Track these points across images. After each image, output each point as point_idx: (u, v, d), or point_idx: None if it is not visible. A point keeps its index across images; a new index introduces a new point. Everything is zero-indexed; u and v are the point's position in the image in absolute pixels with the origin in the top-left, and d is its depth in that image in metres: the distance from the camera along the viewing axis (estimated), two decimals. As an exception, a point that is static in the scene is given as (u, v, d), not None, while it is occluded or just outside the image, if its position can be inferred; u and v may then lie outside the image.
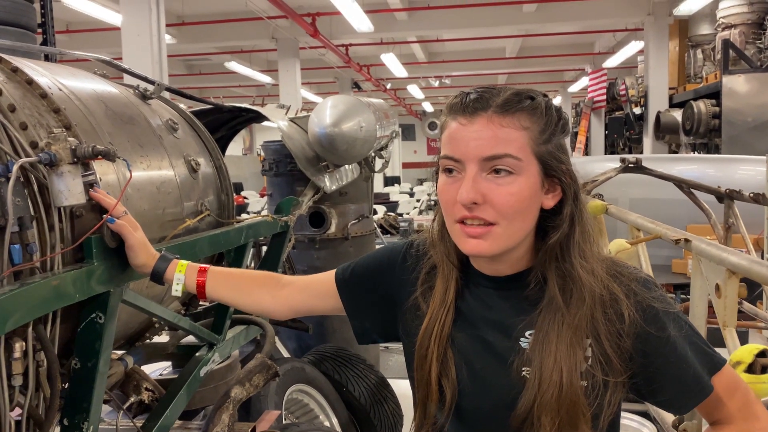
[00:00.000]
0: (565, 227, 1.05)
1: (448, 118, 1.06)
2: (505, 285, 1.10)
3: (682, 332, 1.05)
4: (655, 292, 1.07)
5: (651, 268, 2.83)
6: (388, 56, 13.76)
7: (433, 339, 1.10)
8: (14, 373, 1.22)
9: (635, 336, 1.03)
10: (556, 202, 1.06)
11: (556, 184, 1.06)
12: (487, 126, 1.00)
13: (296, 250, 3.79)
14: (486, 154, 1.00)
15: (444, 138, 1.06)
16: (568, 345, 1.01)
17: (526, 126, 1.01)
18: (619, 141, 13.39)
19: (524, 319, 1.06)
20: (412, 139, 30.07)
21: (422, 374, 1.11)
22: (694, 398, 1.07)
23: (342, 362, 3.36)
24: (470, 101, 1.03)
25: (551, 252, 1.06)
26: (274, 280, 1.40)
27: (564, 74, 19.97)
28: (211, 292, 1.38)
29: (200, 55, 15.19)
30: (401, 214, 12.55)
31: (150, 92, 2.12)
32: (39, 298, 1.23)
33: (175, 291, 1.38)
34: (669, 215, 4.74)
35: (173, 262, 1.40)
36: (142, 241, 1.41)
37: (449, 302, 1.11)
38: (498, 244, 1.02)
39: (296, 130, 3.30)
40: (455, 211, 1.03)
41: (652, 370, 1.05)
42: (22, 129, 1.34)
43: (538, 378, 1.01)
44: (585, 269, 1.05)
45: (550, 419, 1.00)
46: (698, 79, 10.41)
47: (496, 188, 1.00)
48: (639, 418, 3.28)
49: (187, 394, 2.00)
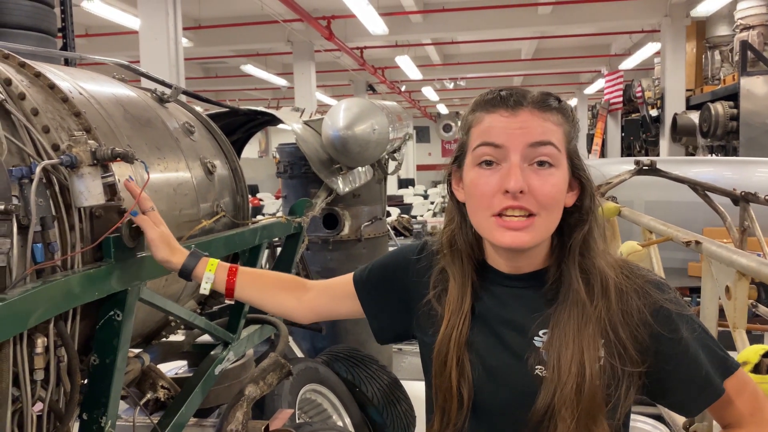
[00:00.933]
0: (587, 223, 1.08)
1: (480, 113, 1.07)
2: (523, 282, 1.12)
3: (695, 334, 1.06)
4: (669, 294, 1.08)
5: (663, 270, 2.82)
6: (403, 58, 13.79)
7: (451, 346, 1.11)
8: (36, 367, 1.25)
9: (649, 335, 1.05)
10: (574, 200, 1.09)
11: (575, 182, 1.09)
12: (531, 117, 1.03)
13: (310, 252, 3.82)
14: (533, 140, 1.02)
15: (478, 130, 1.07)
16: (588, 337, 1.03)
17: (561, 123, 1.06)
18: (635, 143, 13.29)
19: (539, 317, 1.08)
20: (427, 141, 30.06)
21: (442, 381, 1.12)
22: (704, 400, 1.07)
23: (355, 363, 3.39)
24: (508, 96, 1.05)
25: (574, 247, 1.08)
26: (299, 284, 1.42)
27: (580, 76, 19.87)
28: (240, 292, 1.40)
29: (216, 58, 15.33)
30: (415, 216, 12.55)
31: (167, 96, 2.16)
32: (60, 295, 1.27)
33: (203, 289, 1.38)
34: (685, 218, 4.71)
35: (203, 259, 1.40)
36: (163, 236, 1.41)
37: (466, 309, 1.12)
38: (536, 236, 1.04)
39: (310, 132, 3.34)
40: (494, 202, 1.03)
41: (663, 371, 1.06)
42: (44, 132, 1.39)
43: (557, 372, 1.03)
44: (606, 263, 1.08)
45: (570, 412, 1.01)
46: (716, 80, 10.31)
47: (539, 179, 1.02)
48: (652, 421, 3.27)
49: (202, 391, 2.03)
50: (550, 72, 18.02)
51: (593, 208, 1.09)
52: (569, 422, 1.01)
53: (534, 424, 1.04)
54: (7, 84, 1.38)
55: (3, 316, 1.11)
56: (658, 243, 2.56)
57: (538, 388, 1.04)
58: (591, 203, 1.09)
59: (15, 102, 1.37)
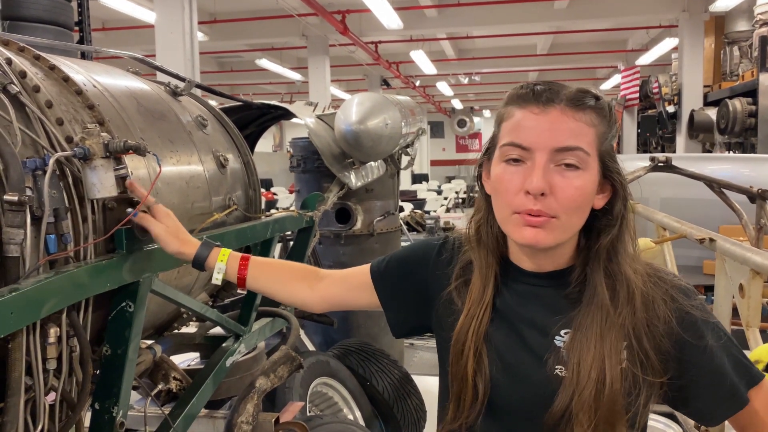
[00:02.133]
0: (617, 227, 1.06)
1: (512, 107, 1.05)
2: (545, 281, 1.10)
3: (720, 342, 1.04)
4: (695, 301, 1.06)
5: (677, 268, 2.80)
6: (418, 53, 13.75)
7: (470, 335, 1.10)
8: (49, 357, 1.27)
9: (673, 342, 1.03)
10: (604, 202, 1.07)
11: (607, 184, 1.06)
12: (561, 117, 1.00)
13: (322, 246, 3.84)
14: (560, 145, 1.00)
15: (508, 126, 1.05)
16: (611, 344, 1.01)
17: (595, 124, 1.02)
18: (651, 140, 13.17)
19: (561, 317, 1.06)
20: (441, 137, 29.99)
21: (458, 369, 1.12)
22: (727, 410, 1.05)
23: (366, 357, 3.40)
24: (541, 91, 1.02)
25: (601, 252, 1.06)
26: (312, 273, 1.41)
27: (596, 72, 19.69)
28: (252, 282, 1.40)
29: (232, 52, 15.37)
30: (428, 211, 12.54)
31: (180, 89, 2.17)
32: (73, 285, 1.29)
33: (215, 279, 1.39)
34: (701, 215, 4.67)
35: (214, 249, 1.40)
36: (170, 229, 1.42)
37: (487, 300, 1.12)
38: (555, 236, 1.02)
39: (323, 127, 3.34)
40: (516, 201, 1.02)
41: (686, 378, 1.04)
42: (58, 124, 1.40)
43: (576, 375, 1.01)
44: (632, 268, 1.05)
45: (587, 417, 0.99)
46: (734, 76, 10.17)
47: (563, 180, 1.00)
48: (665, 420, 3.25)
49: (213, 383, 2.05)
50: (565, 67, 17.87)
51: (625, 213, 1.07)
52: (586, 427, 1.00)
53: (550, 427, 1.03)
54: (22, 76, 1.40)
55: (16, 306, 1.12)
56: (671, 240, 2.54)
57: (556, 388, 1.03)
58: (622, 207, 1.06)
59: (29, 94, 1.38)
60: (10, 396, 1.18)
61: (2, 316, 1.09)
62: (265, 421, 2.05)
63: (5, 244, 1.18)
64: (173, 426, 1.77)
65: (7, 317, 1.10)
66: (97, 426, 1.49)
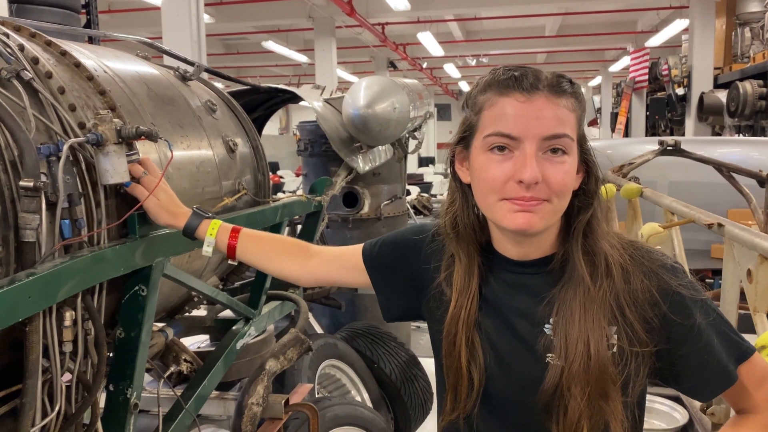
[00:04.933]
0: (594, 205, 1.08)
1: (492, 94, 1.03)
2: (531, 269, 1.11)
3: (709, 319, 1.05)
4: (683, 279, 1.07)
5: (685, 252, 2.80)
6: (425, 35, 13.65)
7: (460, 326, 1.11)
8: (65, 340, 1.29)
9: (660, 317, 1.04)
10: (579, 183, 1.08)
11: (581, 164, 1.08)
12: (546, 105, 1.00)
13: (330, 230, 3.85)
14: (548, 133, 1.00)
15: (491, 115, 1.03)
16: (594, 316, 1.03)
17: (574, 108, 1.03)
18: (660, 123, 13.07)
19: (548, 303, 1.07)
20: (448, 120, 29.81)
21: (452, 360, 1.13)
22: (717, 386, 1.07)
23: (374, 340, 3.43)
24: (523, 77, 1.01)
25: (579, 230, 1.07)
26: (303, 249, 1.42)
27: (605, 53, 19.50)
28: (241, 254, 1.41)
29: (238, 34, 15.31)
30: (435, 195, 12.52)
31: (189, 74, 2.18)
32: (87, 270, 1.31)
33: (205, 252, 1.41)
34: (710, 199, 4.65)
35: (205, 221, 1.42)
36: (161, 202, 1.44)
37: (473, 289, 1.12)
38: (547, 220, 1.03)
39: (331, 110, 3.34)
40: (506, 190, 1.02)
41: (676, 356, 1.05)
42: (71, 110, 1.41)
43: (564, 350, 1.03)
44: (608, 243, 1.07)
45: (580, 389, 1.01)
46: (745, 58, 10.05)
47: (553, 167, 1.01)
48: (671, 403, 3.27)
49: (223, 366, 2.08)
50: (574, 49, 17.71)
51: (598, 191, 1.09)
52: (580, 400, 1.01)
53: (543, 406, 1.05)
54: (35, 63, 1.40)
55: (34, 290, 1.14)
56: (679, 225, 2.54)
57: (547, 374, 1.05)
58: (596, 186, 1.09)
59: (42, 81, 1.39)
60: (28, 378, 1.20)
61: (20, 300, 1.11)
62: (274, 403, 2.08)
63: (21, 229, 1.20)
64: (185, 407, 1.80)
65: (25, 301, 1.12)
66: (112, 407, 1.51)
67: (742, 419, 1.10)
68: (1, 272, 1.17)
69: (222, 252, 1.43)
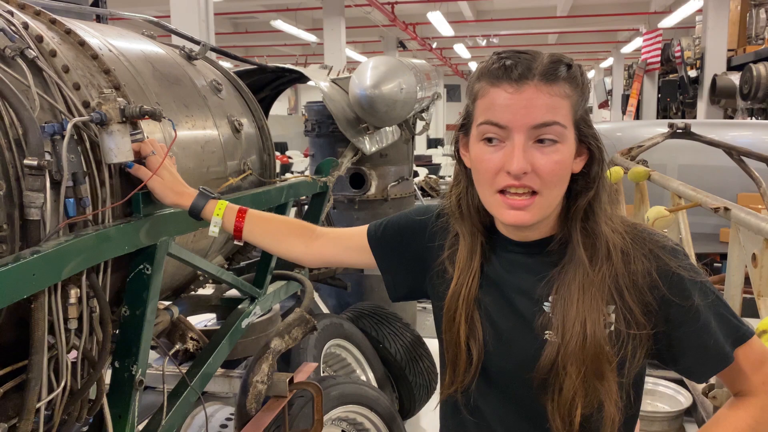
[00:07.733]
0: (594, 188, 1.08)
1: (485, 83, 1.04)
2: (532, 249, 1.12)
3: (707, 301, 1.06)
4: (683, 261, 1.07)
5: (694, 236, 2.79)
6: (435, 14, 13.51)
7: (460, 302, 1.13)
8: (70, 317, 1.31)
9: (659, 299, 1.05)
10: (582, 166, 1.08)
11: (583, 148, 1.08)
12: (536, 94, 0.99)
13: (336, 210, 3.86)
14: (537, 122, 1.00)
15: (483, 104, 1.04)
16: (592, 298, 1.04)
17: (569, 94, 1.02)
18: (672, 105, 12.92)
19: (548, 282, 1.09)
20: (458, 101, 29.64)
21: (451, 336, 1.15)
22: (713, 367, 1.08)
23: (379, 320, 3.45)
24: (513, 67, 1.01)
25: (579, 212, 1.08)
26: (308, 230, 1.44)
27: (617, 34, 19.24)
28: (248, 235, 1.43)
29: (246, 13, 15.21)
30: (443, 176, 12.49)
31: (195, 53, 2.17)
32: (92, 248, 1.32)
33: (212, 232, 1.42)
34: (720, 183, 4.60)
35: (211, 201, 1.43)
36: (166, 182, 1.45)
37: (475, 267, 1.14)
38: (539, 213, 1.04)
39: (337, 91, 3.32)
40: (498, 180, 1.03)
41: (674, 336, 1.06)
42: (75, 89, 1.41)
43: (561, 329, 1.04)
44: (609, 227, 1.08)
45: (575, 368, 1.03)
46: (760, 40, 9.90)
47: (543, 157, 1.01)
48: (675, 386, 3.29)
49: (229, 344, 2.10)
50: (586, 30, 17.47)
51: (602, 174, 1.09)
52: (575, 378, 1.03)
53: (540, 382, 1.07)
54: (39, 41, 1.40)
55: (38, 268, 1.15)
56: (686, 209, 2.52)
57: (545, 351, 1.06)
58: (599, 170, 1.08)
59: (46, 59, 1.39)
60: (33, 354, 1.22)
61: (25, 277, 1.12)
62: (279, 381, 2.11)
63: (26, 207, 1.21)
64: (190, 384, 1.82)
65: (30, 278, 1.14)
66: (117, 383, 1.54)
67: (738, 401, 1.11)
68: (6, 250, 1.18)
69: (228, 232, 1.44)
